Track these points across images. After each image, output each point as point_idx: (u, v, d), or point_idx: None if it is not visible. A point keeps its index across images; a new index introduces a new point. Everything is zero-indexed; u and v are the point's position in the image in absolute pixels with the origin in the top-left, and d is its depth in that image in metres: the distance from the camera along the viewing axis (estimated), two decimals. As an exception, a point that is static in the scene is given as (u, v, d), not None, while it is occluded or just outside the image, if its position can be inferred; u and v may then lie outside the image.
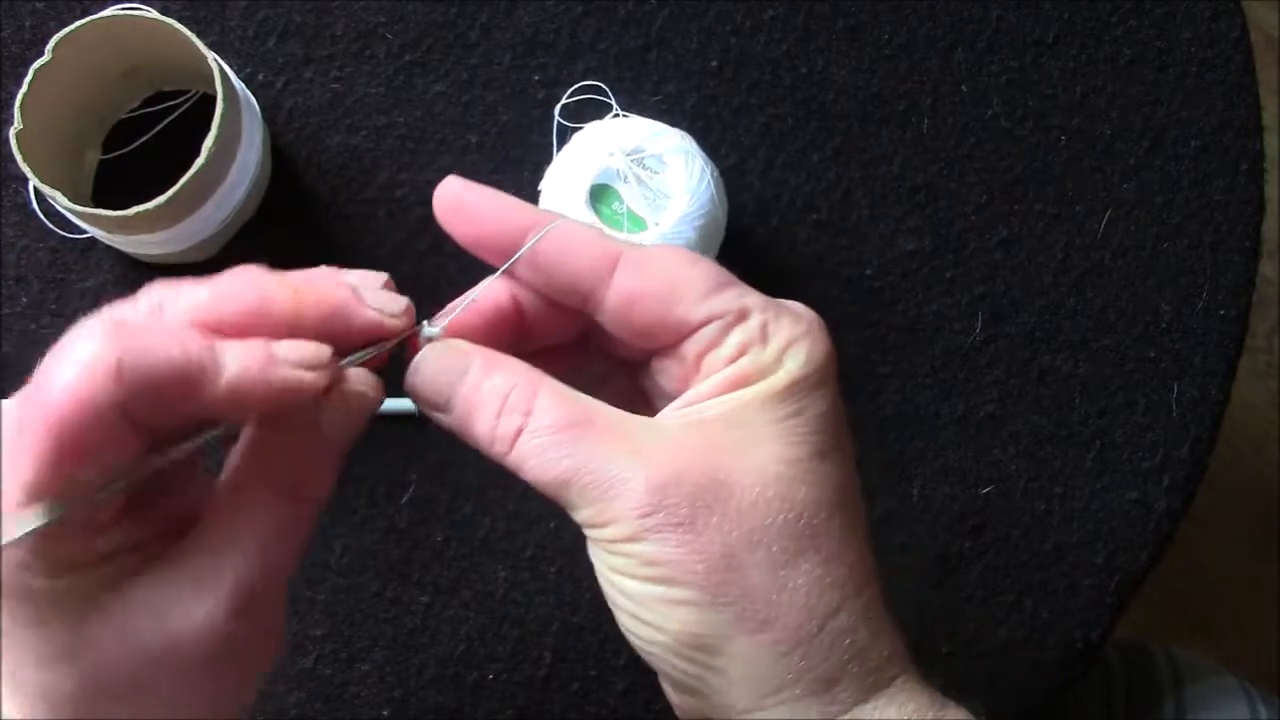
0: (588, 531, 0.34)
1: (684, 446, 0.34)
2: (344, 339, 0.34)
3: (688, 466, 0.33)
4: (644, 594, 0.33)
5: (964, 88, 0.59)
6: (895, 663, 0.34)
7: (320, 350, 0.32)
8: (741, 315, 0.35)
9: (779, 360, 0.34)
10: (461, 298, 0.36)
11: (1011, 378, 0.57)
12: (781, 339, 0.34)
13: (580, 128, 0.55)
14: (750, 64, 0.58)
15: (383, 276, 0.35)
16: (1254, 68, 0.60)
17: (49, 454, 0.28)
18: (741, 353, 0.34)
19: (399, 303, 0.35)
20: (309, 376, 0.32)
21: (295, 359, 0.32)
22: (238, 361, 0.31)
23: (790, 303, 0.36)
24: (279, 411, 0.32)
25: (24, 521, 0.28)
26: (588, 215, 0.52)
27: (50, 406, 0.28)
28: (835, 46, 0.59)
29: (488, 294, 0.36)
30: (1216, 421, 0.58)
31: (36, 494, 0.29)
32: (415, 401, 0.36)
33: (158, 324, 0.32)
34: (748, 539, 0.33)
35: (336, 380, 0.33)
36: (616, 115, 0.55)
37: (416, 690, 0.54)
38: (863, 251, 0.58)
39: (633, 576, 0.33)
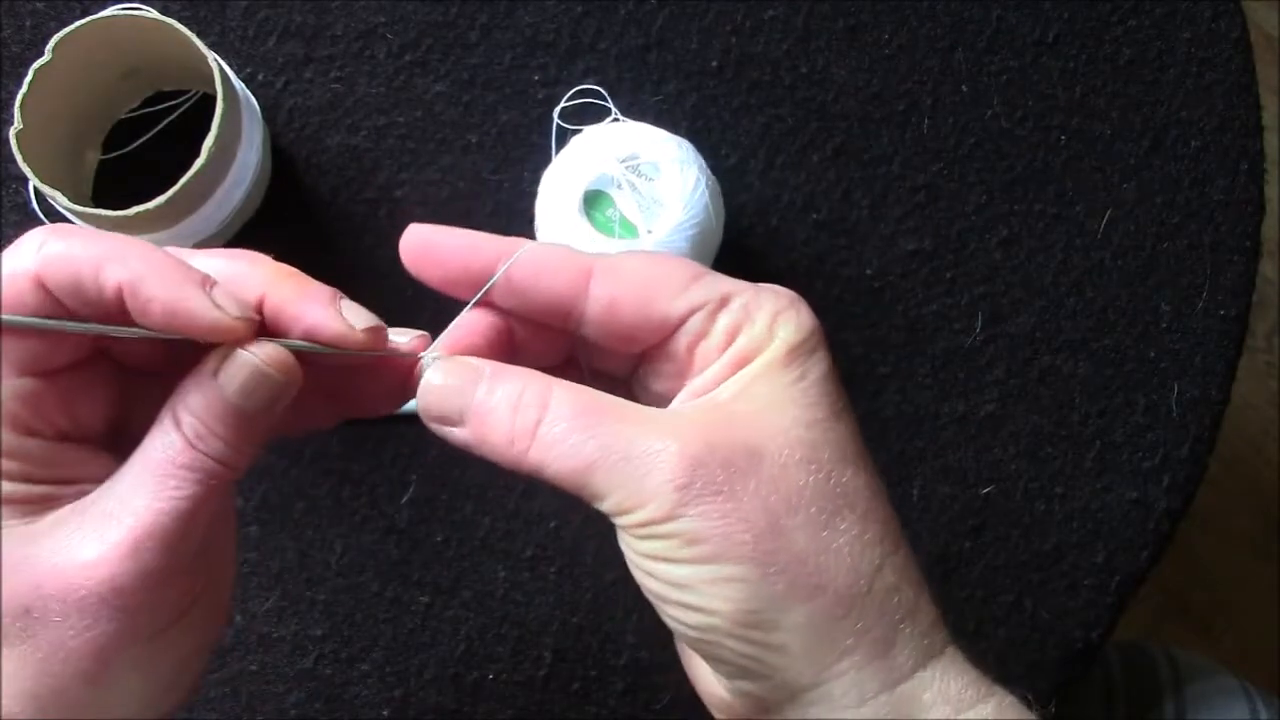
0: (617, 520, 0.33)
1: (706, 423, 0.34)
2: (303, 331, 0.33)
3: (715, 438, 0.33)
4: (689, 577, 0.32)
5: (964, 88, 0.59)
6: (942, 628, 0.34)
7: (240, 305, 0.32)
8: (723, 300, 0.35)
9: (770, 332, 0.35)
10: (445, 331, 0.36)
11: (1011, 378, 0.57)
12: (767, 313, 0.35)
13: (580, 129, 0.55)
14: (750, 64, 0.58)
15: (374, 317, 0.35)
16: (1254, 68, 0.60)
17: None
18: (733, 335, 0.35)
19: (365, 319, 0.34)
20: (204, 305, 0.31)
21: (213, 293, 0.32)
22: (143, 259, 0.31)
23: (766, 284, 0.36)
24: (181, 334, 0.32)
25: None
26: (581, 222, 0.52)
27: None
28: (835, 46, 0.59)
29: (482, 318, 0.37)
30: (1216, 421, 0.58)
31: None
32: (427, 420, 0.36)
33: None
34: (786, 503, 0.32)
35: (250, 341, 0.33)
36: (615, 120, 0.55)
37: (416, 690, 0.54)
38: (863, 251, 0.58)
39: (674, 560, 0.32)
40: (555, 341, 0.38)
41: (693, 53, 0.58)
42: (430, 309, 0.37)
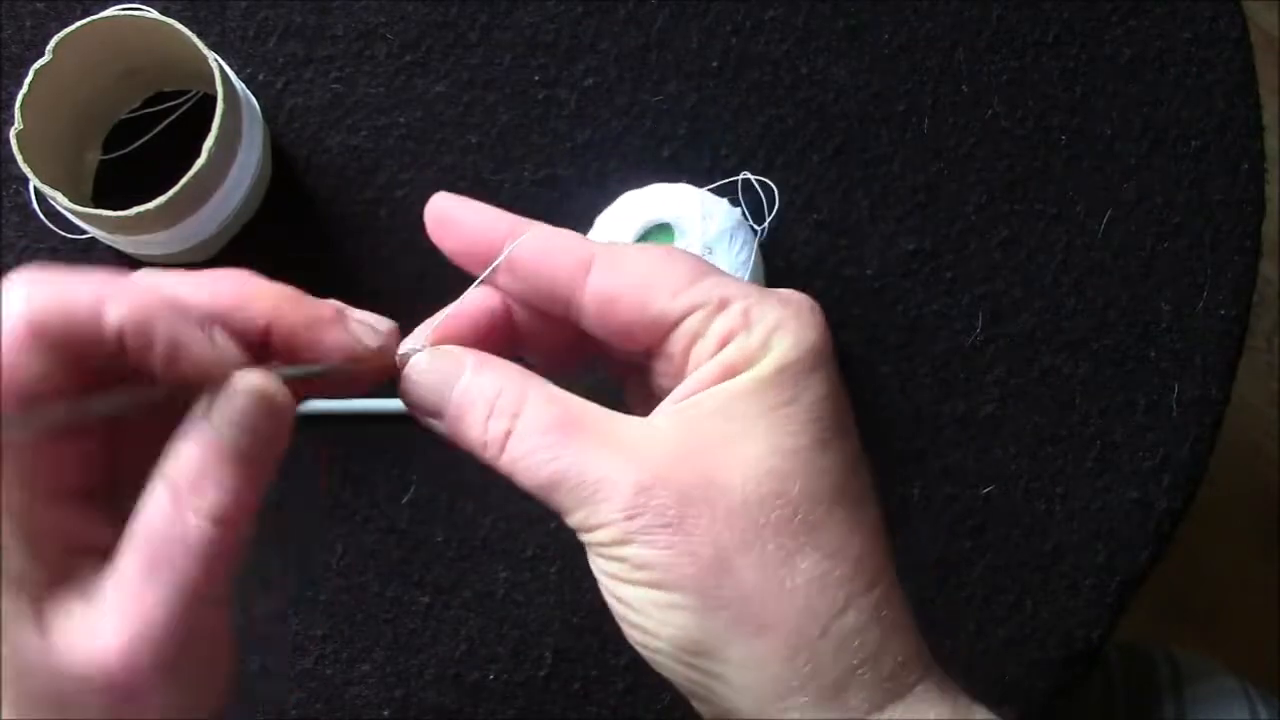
0: (581, 536, 0.33)
1: (673, 444, 0.33)
2: (316, 355, 0.33)
3: (676, 465, 0.32)
4: (638, 599, 0.32)
5: (964, 88, 0.59)
6: (913, 667, 0.33)
7: (238, 347, 0.31)
8: (723, 304, 0.34)
9: (765, 345, 0.33)
10: (440, 312, 0.36)
11: (1011, 378, 0.57)
12: (767, 324, 0.33)
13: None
14: (750, 64, 0.58)
15: (388, 323, 0.35)
16: (1254, 68, 0.60)
17: None
18: (726, 341, 0.33)
19: (378, 335, 0.34)
20: (200, 339, 0.30)
21: (212, 333, 0.31)
22: (133, 300, 0.30)
23: (779, 290, 0.35)
24: (179, 380, 0.30)
25: None
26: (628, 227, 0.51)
27: None
28: (835, 46, 0.59)
29: (476, 301, 0.36)
30: (1216, 421, 0.58)
31: None
32: (410, 409, 0.35)
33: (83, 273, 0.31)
34: (740, 539, 0.32)
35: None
36: (754, 228, 0.54)
37: (417, 690, 0.54)
38: (863, 251, 0.58)
39: (626, 581, 0.32)
40: (565, 330, 0.36)
41: (693, 53, 0.58)
42: (433, 307, 0.37)
